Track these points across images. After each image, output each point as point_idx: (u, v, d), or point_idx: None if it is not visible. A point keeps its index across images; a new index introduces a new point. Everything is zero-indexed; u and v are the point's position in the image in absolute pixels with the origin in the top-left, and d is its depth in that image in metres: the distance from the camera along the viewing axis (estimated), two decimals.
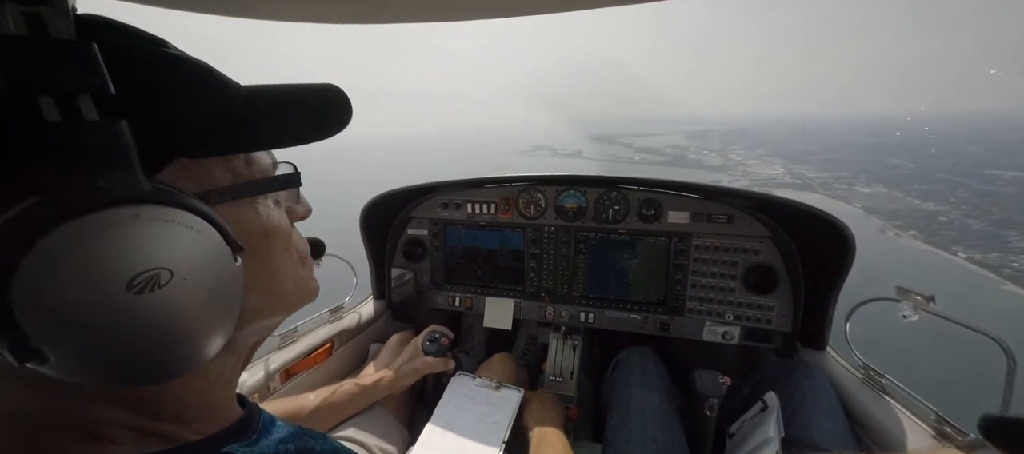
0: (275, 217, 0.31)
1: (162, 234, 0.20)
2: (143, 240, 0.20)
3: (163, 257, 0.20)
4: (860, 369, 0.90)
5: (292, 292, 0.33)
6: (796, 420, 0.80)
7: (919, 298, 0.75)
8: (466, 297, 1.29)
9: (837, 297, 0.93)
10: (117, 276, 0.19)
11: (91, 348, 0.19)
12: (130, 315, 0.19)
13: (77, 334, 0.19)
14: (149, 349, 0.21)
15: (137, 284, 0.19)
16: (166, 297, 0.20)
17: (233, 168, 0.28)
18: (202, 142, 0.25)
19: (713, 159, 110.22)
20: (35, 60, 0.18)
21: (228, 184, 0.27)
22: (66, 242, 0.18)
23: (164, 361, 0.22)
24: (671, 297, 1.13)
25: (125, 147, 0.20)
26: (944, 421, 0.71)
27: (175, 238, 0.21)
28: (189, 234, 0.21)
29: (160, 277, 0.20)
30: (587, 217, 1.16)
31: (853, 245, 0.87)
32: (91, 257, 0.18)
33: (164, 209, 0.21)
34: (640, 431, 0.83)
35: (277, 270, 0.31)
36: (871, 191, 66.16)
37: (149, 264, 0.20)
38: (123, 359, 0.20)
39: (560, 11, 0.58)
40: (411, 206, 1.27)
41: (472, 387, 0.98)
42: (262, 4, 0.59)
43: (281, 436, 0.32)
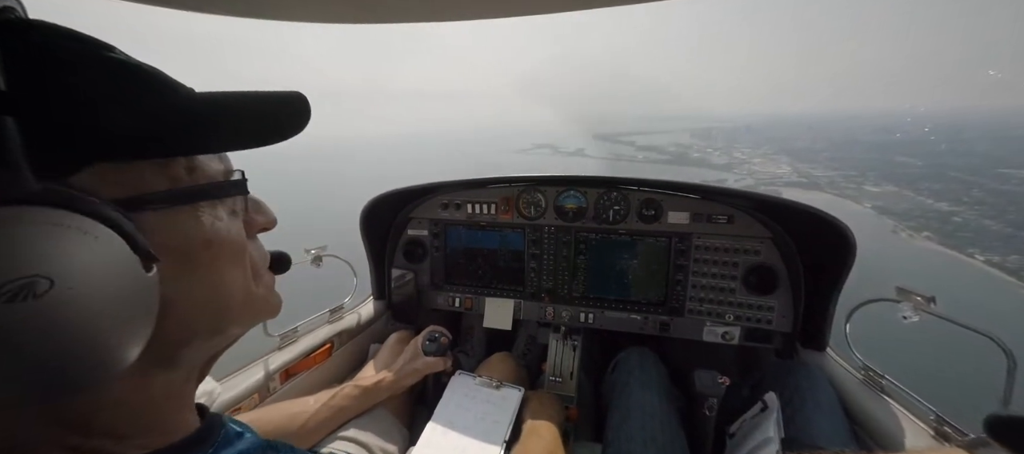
0: (222, 226, 0.29)
1: (43, 238, 0.19)
2: (17, 244, 0.18)
3: (41, 263, 0.19)
4: (860, 369, 0.89)
5: (240, 307, 0.31)
6: (796, 420, 0.80)
7: (919, 299, 0.75)
8: (466, 297, 1.29)
9: (837, 297, 0.93)
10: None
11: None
12: (20, 326, 0.18)
13: None
14: (31, 363, 0.19)
15: (6, 292, 0.18)
16: (46, 307, 0.19)
17: (171, 173, 0.26)
18: (129, 146, 0.24)
19: (717, 157, 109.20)
20: None
21: (163, 189, 0.26)
22: None
23: (54, 377, 0.20)
24: (671, 297, 1.13)
25: (13, 147, 0.19)
26: (944, 421, 0.71)
27: (61, 243, 0.19)
28: (81, 240, 0.20)
29: (36, 285, 0.18)
30: (587, 217, 1.16)
31: (854, 246, 0.86)
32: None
33: (50, 212, 0.19)
34: (640, 431, 0.83)
35: (221, 283, 0.29)
36: (881, 190, 64.89)
37: (23, 271, 0.18)
38: (9, 372, 0.19)
39: (560, 11, 0.58)
40: (411, 206, 1.27)
41: (473, 386, 0.98)
42: (262, 4, 0.59)
43: (246, 448, 0.30)
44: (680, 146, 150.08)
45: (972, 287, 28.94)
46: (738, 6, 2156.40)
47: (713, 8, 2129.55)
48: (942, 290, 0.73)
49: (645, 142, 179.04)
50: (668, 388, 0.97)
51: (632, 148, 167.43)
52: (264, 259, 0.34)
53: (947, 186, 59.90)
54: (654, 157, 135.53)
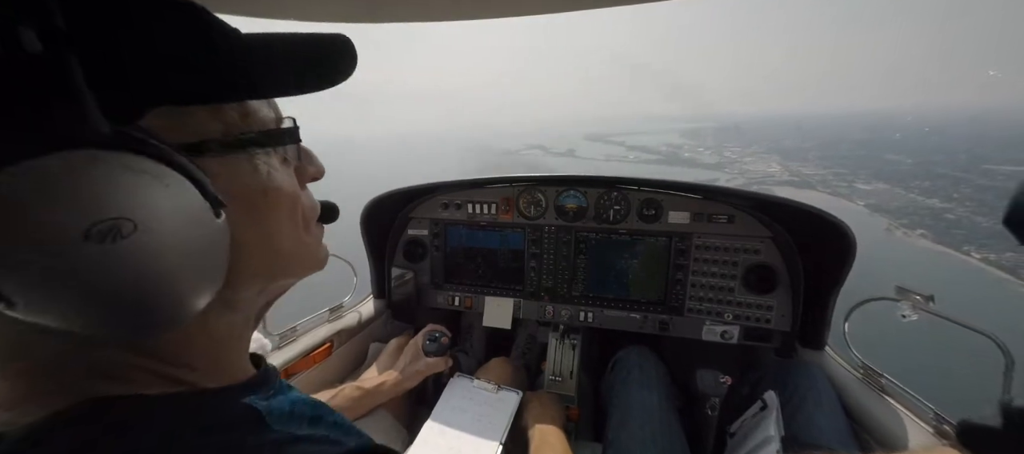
0: (277, 175, 0.29)
1: (123, 182, 0.19)
2: (101, 187, 0.18)
3: (126, 206, 0.19)
4: (859, 368, 0.90)
5: (293, 256, 0.31)
6: (796, 419, 0.79)
7: (918, 298, 0.76)
8: (466, 297, 1.28)
9: (837, 297, 0.93)
10: (73, 223, 0.18)
11: (54, 295, 0.18)
12: (91, 263, 0.18)
13: (37, 280, 0.18)
14: (119, 301, 0.20)
15: (95, 233, 0.18)
16: (132, 248, 0.19)
17: (224, 119, 0.26)
18: (189, 89, 0.23)
19: (708, 157, 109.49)
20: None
21: (218, 136, 0.25)
22: (18, 185, 0.17)
23: (138, 314, 0.21)
24: (671, 297, 1.13)
25: (75, 87, 0.18)
26: (943, 419, 0.71)
27: (139, 188, 0.19)
28: (157, 185, 0.20)
29: (122, 227, 0.19)
30: (587, 217, 1.16)
31: (854, 245, 0.87)
32: (44, 202, 0.17)
33: (127, 156, 0.19)
34: (640, 430, 0.82)
35: (276, 231, 0.29)
36: (872, 188, 64.28)
37: (109, 213, 0.18)
38: (94, 308, 0.19)
39: (559, 11, 0.57)
40: (411, 206, 1.26)
41: (471, 388, 0.98)
42: (262, 4, 0.57)
43: (297, 397, 0.32)
44: (670, 146, 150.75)
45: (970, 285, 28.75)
46: (726, 6, 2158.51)
47: (701, 8, 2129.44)
48: (942, 289, 0.72)
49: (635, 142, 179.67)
50: (668, 387, 0.97)
51: (623, 148, 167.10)
52: (314, 209, 0.34)
53: (936, 183, 60.47)
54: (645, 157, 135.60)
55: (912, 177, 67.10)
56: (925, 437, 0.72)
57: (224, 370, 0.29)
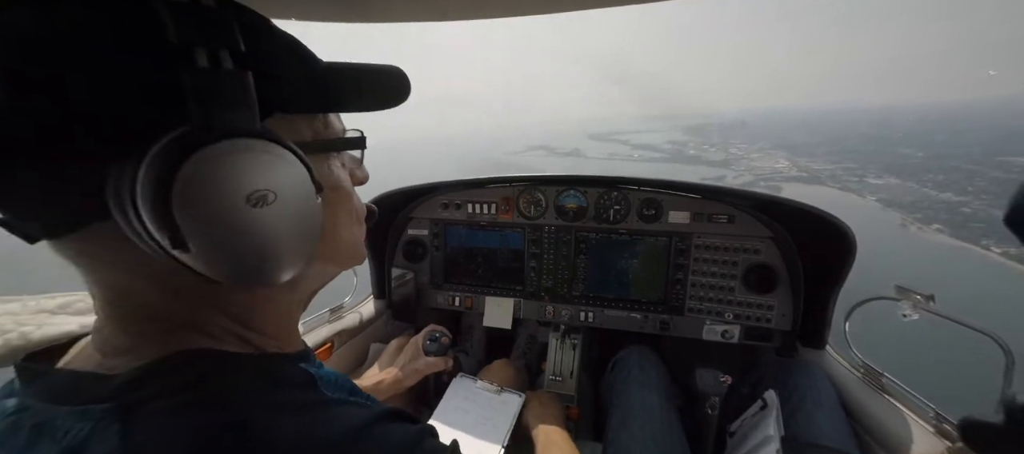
0: (341, 175, 0.36)
1: (270, 164, 0.25)
2: (258, 166, 0.25)
3: (271, 182, 0.25)
4: (859, 368, 0.90)
5: (347, 246, 0.38)
6: (796, 418, 0.79)
7: (918, 297, 0.76)
8: (466, 297, 1.28)
9: (837, 296, 0.93)
10: (241, 190, 0.24)
11: (218, 244, 0.24)
12: (249, 222, 0.24)
13: (210, 231, 0.24)
14: (254, 253, 0.26)
15: (253, 199, 0.24)
16: (271, 213, 0.25)
17: (314, 127, 0.33)
18: (294, 100, 0.31)
19: (714, 154, 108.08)
20: (194, 21, 0.23)
21: (309, 139, 0.32)
22: (209, 160, 0.23)
23: (263, 267, 0.27)
24: (671, 296, 1.13)
25: (249, 93, 0.25)
26: (943, 418, 0.71)
27: (279, 169, 0.26)
28: (288, 168, 0.26)
29: (267, 197, 0.25)
30: (588, 217, 1.16)
31: (853, 245, 0.87)
32: (224, 173, 0.23)
33: (273, 145, 0.25)
34: (641, 430, 0.83)
35: (339, 222, 0.36)
36: (883, 182, 62.73)
37: (261, 185, 0.25)
38: (242, 258, 0.25)
39: (559, 11, 0.56)
40: (411, 206, 1.26)
41: (473, 389, 0.98)
42: (262, 3, 0.51)
43: (335, 373, 0.37)
44: (675, 143, 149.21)
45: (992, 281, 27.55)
46: (729, 3, 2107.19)
47: (704, 5, 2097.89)
48: (963, 287, 0.64)
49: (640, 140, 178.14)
50: (668, 387, 0.97)
51: (627, 147, 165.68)
52: (362, 210, 0.40)
53: (949, 176, 58.89)
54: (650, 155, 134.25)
55: (924, 170, 65.60)
56: (925, 437, 0.71)
57: (283, 339, 0.36)
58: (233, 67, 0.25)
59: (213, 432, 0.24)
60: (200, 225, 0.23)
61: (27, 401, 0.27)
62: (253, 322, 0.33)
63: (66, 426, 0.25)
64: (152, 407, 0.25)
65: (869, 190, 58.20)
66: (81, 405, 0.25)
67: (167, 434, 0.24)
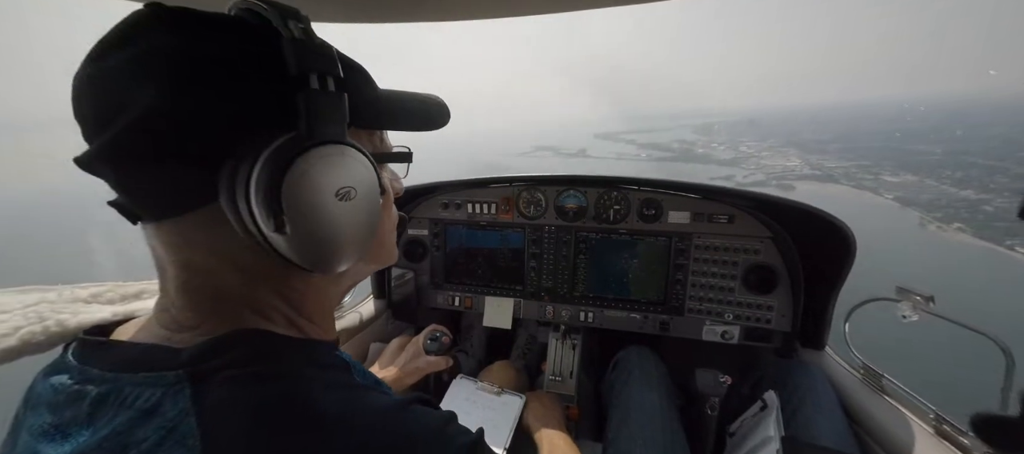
0: (387, 185, 0.41)
1: (355, 166, 0.31)
2: (347, 167, 0.31)
3: (354, 180, 0.31)
4: (859, 369, 0.89)
5: (387, 247, 0.44)
6: (796, 419, 0.80)
7: (918, 298, 0.75)
8: (466, 297, 1.28)
9: (837, 297, 0.92)
10: (332, 186, 0.30)
11: (311, 229, 0.30)
12: (334, 212, 0.30)
13: (307, 217, 0.29)
14: (334, 240, 0.31)
15: (341, 193, 0.30)
16: (351, 207, 0.31)
17: (373, 141, 0.40)
18: (363, 118, 0.36)
19: (723, 152, 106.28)
20: (307, 53, 0.29)
21: (371, 150, 0.36)
22: (312, 159, 0.29)
23: (335, 253, 0.32)
24: (671, 297, 1.12)
25: (344, 110, 0.32)
26: (943, 419, 0.71)
27: (360, 170, 0.32)
28: (365, 171, 0.32)
29: (351, 192, 0.31)
30: (587, 217, 1.16)
31: (853, 245, 0.86)
32: (321, 171, 0.29)
33: (356, 152, 0.32)
34: (640, 430, 0.83)
35: (384, 224, 0.42)
36: (900, 180, 60.83)
37: (348, 182, 0.31)
38: (326, 243, 0.31)
39: (559, 11, 0.59)
40: (411, 206, 1.27)
41: (474, 391, 0.98)
42: None
43: (359, 364, 0.40)
44: (683, 142, 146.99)
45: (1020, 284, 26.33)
46: (734, 1, 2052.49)
47: (708, 4, 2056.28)
48: (993, 292, 0.61)
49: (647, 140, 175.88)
50: (668, 387, 0.97)
51: (634, 147, 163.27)
52: (396, 216, 0.46)
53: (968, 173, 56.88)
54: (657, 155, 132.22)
55: (942, 167, 63.57)
56: (925, 438, 0.71)
57: (325, 328, 0.40)
58: (334, 89, 0.31)
59: (271, 400, 0.28)
60: (300, 211, 0.28)
61: (89, 372, 0.30)
62: (304, 308, 0.37)
63: (136, 392, 0.27)
64: (220, 376, 0.28)
65: (886, 188, 56.29)
66: (154, 372, 0.28)
67: (234, 399, 0.27)
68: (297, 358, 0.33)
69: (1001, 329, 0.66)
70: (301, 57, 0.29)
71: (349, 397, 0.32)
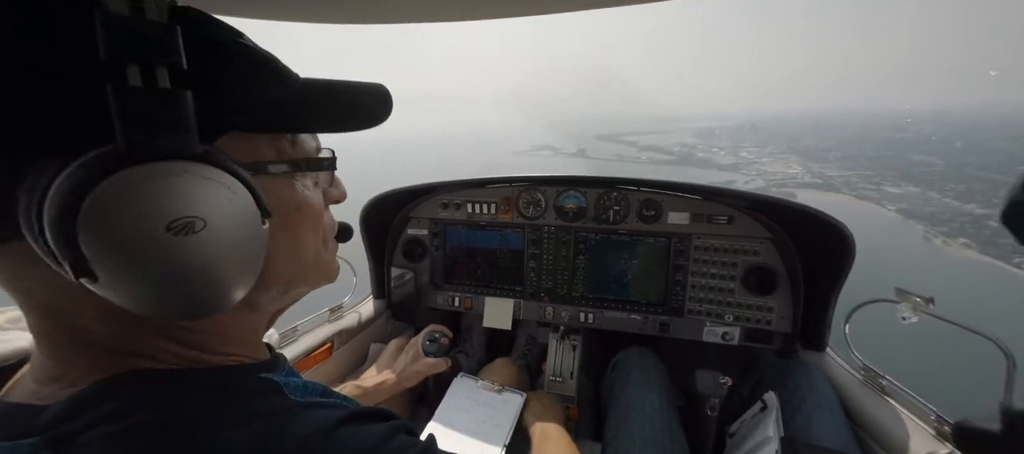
0: (309, 195, 0.34)
1: (203, 189, 0.23)
2: (186, 191, 0.23)
3: (201, 208, 0.23)
4: (860, 370, 0.89)
5: (312, 267, 0.36)
6: (796, 420, 0.79)
7: (918, 300, 0.75)
8: (466, 297, 1.28)
9: (837, 298, 0.92)
10: (160, 217, 0.22)
11: (132, 275, 0.22)
12: (166, 252, 0.22)
13: (121, 260, 0.21)
14: (180, 285, 0.24)
15: (175, 227, 0.22)
16: (198, 242, 0.23)
17: (279, 147, 0.31)
18: (254, 121, 0.29)
19: (723, 157, 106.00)
20: (127, 35, 0.21)
21: (272, 159, 0.31)
22: (126, 183, 0.21)
23: (192, 299, 0.25)
24: (671, 298, 1.12)
25: (186, 114, 0.23)
26: (944, 421, 0.70)
27: (213, 194, 0.24)
28: (226, 193, 0.24)
29: (195, 224, 0.23)
30: (587, 217, 1.16)
31: (853, 246, 0.86)
32: (142, 198, 0.21)
33: (209, 169, 0.24)
34: (640, 431, 0.83)
35: (302, 244, 0.34)
36: (902, 191, 59.56)
37: (188, 212, 0.23)
38: (158, 289, 0.23)
39: (559, 11, 0.57)
40: (411, 206, 1.26)
41: (474, 389, 0.97)
42: (262, 4, 0.56)
43: (306, 380, 0.35)
44: (684, 146, 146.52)
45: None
46: (736, 4, 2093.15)
47: (711, 6, 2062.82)
48: (1016, 315, 0.59)
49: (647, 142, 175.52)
50: (668, 388, 0.97)
51: (635, 149, 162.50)
52: (333, 228, 0.39)
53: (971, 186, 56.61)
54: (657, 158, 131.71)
55: (944, 179, 62.34)
56: (926, 439, 0.71)
57: (243, 355, 0.33)
58: (170, 87, 0.23)
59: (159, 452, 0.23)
60: (109, 252, 0.21)
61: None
62: (206, 345, 0.30)
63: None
64: (85, 438, 0.23)
65: (888, 199, 55.40)
66: (11, 440, 0.23)
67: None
68: (195, 396, 0.27)
69: None
70: (116, 40, 0.21)
71: (265, 430, 0.26)
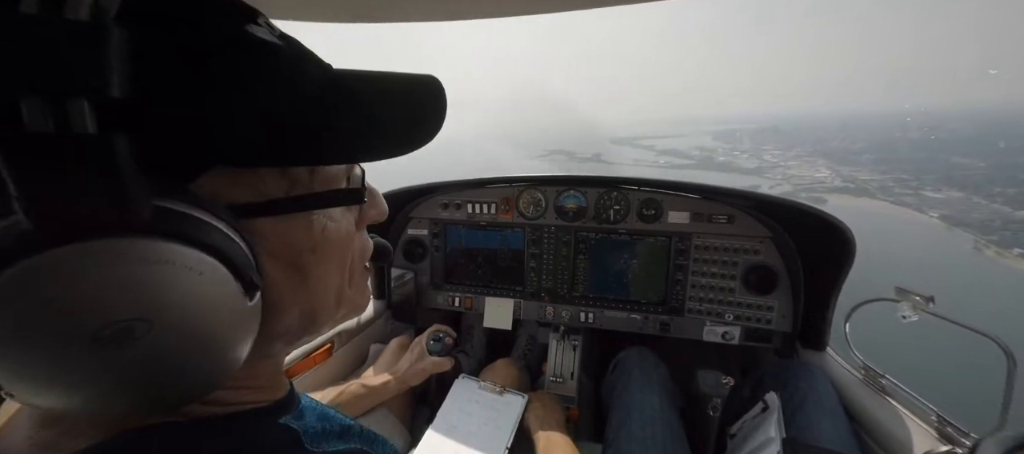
0: (333, 228, 0.27)
1: (145, 278, 0.16)
2: (119, 285, 0.16)
3: (141, 305, 0.17)
4: (860, 369, 0.89)
5: (332, 308, 0.29)
6: (797, 420, 0.79)
7: (918, 299, 0.75)
8: (466, 297, 1.28)
9: (837, 297, 0.92)
10: (78, 327, 0.16)
11: (59, 396, 0.17)
12: (97, 369, 0.17)
13: (36, 380, 0.16)
14: (133, 393, 0.18)
15: (104, 337, 0.16)
16: (145, 347, 0.17)
17: (292, 176, 0.24)
18: (251, 152, 0.21)
19: (746, 161, 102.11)
20: (23, 51, 0.13)
21: (281, 196, 0.23)
22: (26, 281, 0.15)
23: (161, 396, 0.20)
24: (671, 297, 1.12)
25: (120, 167, 0.15)
26: (945, 421, 0.70)
27: (162, 282, 0.17)
28: (186, 276, 0.17)
29: (134, 329, 0.16)
30: (587, 217, 1.16)
31: (853, 246, 0.86)
32: (53, 301, 0.15)
33: (157, 245, 0.17)
34: (641, 431, 0.82)
35: (318, 287, 0.27)
36: (944, 196, 54.82)
37: (121, 314, 0.16)
38: (105, 402, 0.18)
39: (560, 11, 0.57)
40: (411, 206, 1.26)
41: (476, 391, 0.97)
42: (263, 5, 0.50)
43: (324, 413, 0.33)
44: (703, 149, 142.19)
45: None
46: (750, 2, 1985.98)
47: (729, 4, 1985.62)
48: None
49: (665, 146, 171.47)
50: (668, 388, 0.97)
51: (652, 153, 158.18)
52: (366, 251, 0.32)
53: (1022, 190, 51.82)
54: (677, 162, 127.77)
55: (990, 183, 56.76)
56: (927, 439, 0.71)
57: (263, 393, 0.29)
58: (92, 129, 0.15)
59: None
60: (15, 377, 0.16)
61: None
62: (219, 395, 0.25)
63: None
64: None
65: (929, 205, 51.11)
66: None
67: None
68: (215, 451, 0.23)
69: None
70: (9, 60, 0.13)
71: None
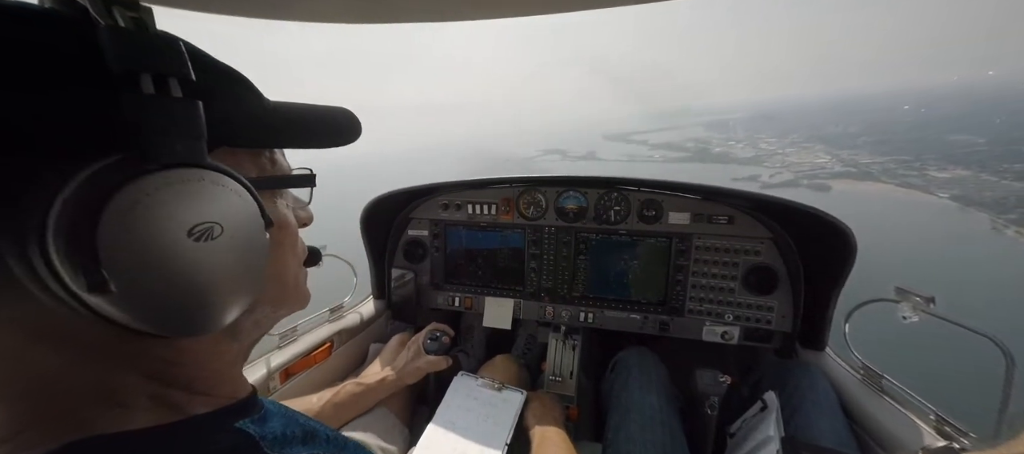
0: (287, 214, 0.35)
1: (220, 196, 0.24)
2: (206, 198, 0.23)
3: (218, 213, 0.24)
4: (859, 369, 0.89)
5: (291, 289, 0.36)
6: (796, 419, 0.79)
7: (918, 299, 0.75)
8: (466, 297, 1.28)
9: (837, 298, 0.92)
10: (182, 223, 0.22)
11: (150, 283, 0.22)
12: (188, 258, 0.22)
13: (142, 268, 0.21)
14: (194, 293, 0.23)
15: (197, 232, 0.23)
16: (216, 248, 0.24)
17: (259, 164, 0.32)
18: (240, 135, 0.30)
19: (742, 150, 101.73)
20: (138, 47, 0.22)
21: (254, 176, 0.31)
22: (147, 188, 0.21)
23: (201, 310, 0.24)
24: (671, 297, 1.12)
25: (199, 123, 0.24)
26: (944, 421, 0.70)
27: (227, 201, 0.25)
28: (237, 200, 0.25)
29: (214, 230, 0.24)
30: (588, 218, 1.16)
31: (853, 245, 0.86)
32: (163, 205, 0.21)
33: (222, 177, 0.25)
34: (640, 431, 0.82)
35: (285, 263, 0.34)
36: (950, 175, 51.62)
37: (208, 218, 0.23)
38: (172, 300, 0.23)
39: (560, 11, 0.58)
40: (411, 207, 1.26)
41: (474, 387, 0.97)
42: (261, 5, 0.56)
43: (287, 417, 0.34)
44: (698, 141, 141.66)
45: None
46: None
47: None
48: None
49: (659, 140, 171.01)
50: (668, 388, 0.97)
51: (646, 147, 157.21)
52: (304, 251, 0.39)
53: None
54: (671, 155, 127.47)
55: (995, 159, 53.86)
56: (926, 439, 0.71)
57: (219, 391, 0.31)
58: (183, 95, 0.24)
59: None
60: (130, 261, 0.20)
61: None
62: (178, 380, 0.28)
63: None
64: None
65: (937, 186, 47.63)
66: None
67: None
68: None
69: None
70: (128, 51, 0.22)
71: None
